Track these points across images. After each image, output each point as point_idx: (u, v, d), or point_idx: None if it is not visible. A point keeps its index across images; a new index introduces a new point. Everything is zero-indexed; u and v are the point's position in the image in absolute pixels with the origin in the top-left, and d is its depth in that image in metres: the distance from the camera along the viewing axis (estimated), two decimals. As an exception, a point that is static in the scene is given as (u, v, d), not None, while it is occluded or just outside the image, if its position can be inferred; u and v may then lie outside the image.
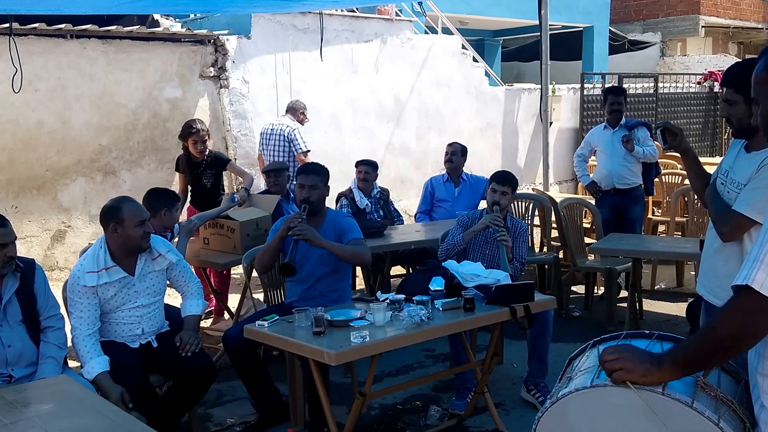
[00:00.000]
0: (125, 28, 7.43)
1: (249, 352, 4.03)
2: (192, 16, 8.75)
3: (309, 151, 7.05)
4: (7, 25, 5.98)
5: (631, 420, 1.83)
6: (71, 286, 3.61)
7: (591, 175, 6.83)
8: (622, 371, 1.83)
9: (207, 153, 6.01)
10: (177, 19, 8.75)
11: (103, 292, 3.61)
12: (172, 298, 4.45)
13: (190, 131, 5.92)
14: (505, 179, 4.67)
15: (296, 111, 7.31)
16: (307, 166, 4.52)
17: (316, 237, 3.98)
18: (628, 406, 1.82)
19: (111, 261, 3.62)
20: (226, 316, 5.85)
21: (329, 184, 4.36)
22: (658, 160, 6.76)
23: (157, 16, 8.38)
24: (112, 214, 3.61)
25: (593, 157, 6.95)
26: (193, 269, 4.34)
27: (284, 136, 7.03)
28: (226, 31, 8.08)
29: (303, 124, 7.25)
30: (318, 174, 4.25)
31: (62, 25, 6.99)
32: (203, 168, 5.99)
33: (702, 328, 1.77)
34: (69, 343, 3.57)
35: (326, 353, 3.18)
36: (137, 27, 7.67)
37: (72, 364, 3.90)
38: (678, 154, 3.30)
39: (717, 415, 1.74)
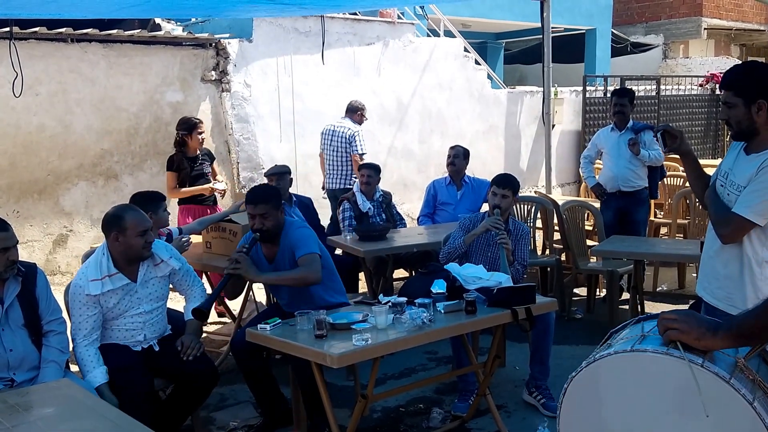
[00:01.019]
0: (126, 32, 7.45)
1: (254, 356, 4.01)
2: (193, 19, 8.76)
3: (365, 153, 7.28)
4: (8, 29, 6.00)
5: (667, 391, 1.81)
6: (73, 294, 3.59)
7: (596, 177, 6.81)
8: (677, 331, 1.82)
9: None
10: (178, 23, 8.77)
11: (106, 301, 3.59)
12: (174, 301, 4.45)
13: (195, 122, 6.06)
14: (505, 182, 4.66)
15: (355, 112, 7.49)
16: (254, 194, 4.09)
17: (248, 272, 3.89)
18: (664, 376, 1.80)
19: (114, 268, 3.60)
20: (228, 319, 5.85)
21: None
22: (664, 163, 6.75)
23: (158, 20, 8.39)
24: (114, 223, 3.59)
25: (600, 160, 6.94)
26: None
27: (345, 137, 7.29)
28: (227, 35, 8.09)
29: (361, 124, 7.48)
30: (267, 201, 3.98)
31: (63, 29, 7.00)
32: (201, 160, 6.08)
33: (763, 300, 1.75)
34: (71, 347, 3.57)
35: (328, 356, 3.18)
36: (138, 31, 7.68)
37: (74, 368, 3.90)
38: (678, 156, 3.30)
39: (752, 396, 1.74)
